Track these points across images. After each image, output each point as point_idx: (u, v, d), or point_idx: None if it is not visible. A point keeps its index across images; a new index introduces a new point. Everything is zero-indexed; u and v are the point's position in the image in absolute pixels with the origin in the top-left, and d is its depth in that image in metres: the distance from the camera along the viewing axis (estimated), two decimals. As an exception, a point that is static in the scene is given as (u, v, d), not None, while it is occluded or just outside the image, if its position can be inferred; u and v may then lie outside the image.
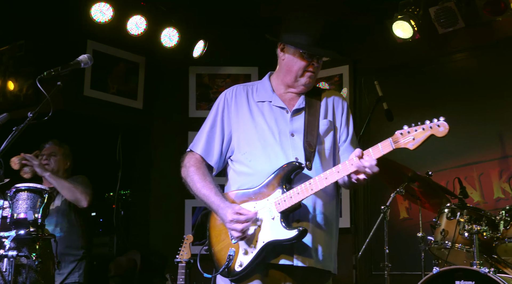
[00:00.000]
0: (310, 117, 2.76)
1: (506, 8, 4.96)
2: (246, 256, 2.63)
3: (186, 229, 6.06)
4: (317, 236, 2.66)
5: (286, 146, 2.72)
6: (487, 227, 3.70)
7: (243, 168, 2.78)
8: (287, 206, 2.58)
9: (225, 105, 2.88)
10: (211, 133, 2.86)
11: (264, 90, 2.87)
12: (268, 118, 2.79)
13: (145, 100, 6.24)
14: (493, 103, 5.22)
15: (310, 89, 2.85)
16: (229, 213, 2.62)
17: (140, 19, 5.59)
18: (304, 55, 2.75)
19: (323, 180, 2.54)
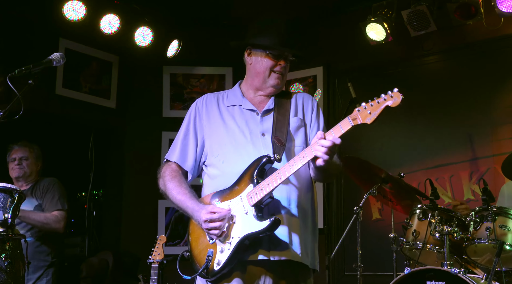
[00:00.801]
0: (279, 116, 2.80)
1: (477, 13, 5.04)
2: (223, 254, 2.64)
3: (159, 229, 6.02)
4: (292, 229, 2.67)
5: (258, 145, 2.75)
6: (457, 228, 3.75)
7: (217, 170, 2.81)
8: (258, 198, 2.59)
9: (196, 113, 2.93)
10: (185, 141, 2.91)
11: (234, 96, 2.92)
12: (238, 121, 2.82)
13: (118, 100, 6.18)
14: (463, 106, 5.31)
15: (279, 91, 2.88)
16: (203, 214, 2.65)
17: (113, 17, 5.54)
18: (270, 55, 2.79)
19: (290, 167, 2.55)
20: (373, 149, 5.55)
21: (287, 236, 2.64)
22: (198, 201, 2.76)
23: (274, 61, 2.80)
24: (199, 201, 2.75)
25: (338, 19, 6.05)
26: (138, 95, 6.36)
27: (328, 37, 6.08)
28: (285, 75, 2.86)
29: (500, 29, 5.13)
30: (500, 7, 4.90)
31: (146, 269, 4.70)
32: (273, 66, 2.80)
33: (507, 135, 5.04)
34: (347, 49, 5.96)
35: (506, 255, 3.61)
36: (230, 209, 2.65)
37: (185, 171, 2.90)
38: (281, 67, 2.81)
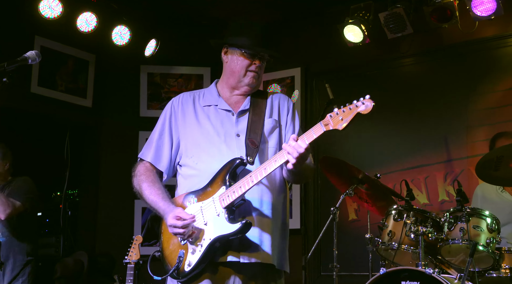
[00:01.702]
0: (254, 117, 2.80)
1: (452, 16, 5.11)
2: (194, 255, 2.65)
3: (135, 229, 5.99)
4: (264, 231, 2.68)
5: (232, 146, 2.74)
6: (432, 228, 3.79)
7: (190, 171, 2.81)
8: (230, 201, 2.59)
9: (172, 113, 2.92)
10: (160, 141, 2.90)
11: (210, 95, 2.92)
12: (214, 121, 2.82)
13: (95, 99, 6.13)
14: (439, 108, 5.37)
15: (255, 90, 2.89)
16: (169, 218, 2.67)
17: (90, 16, 5.49)
18: (245, 55, 2.79)
19: (263, 170, 2.56)
20: (350, 150, 5.58)
21: (258, 238, 2.66)
22: (170, 202, 2.76)
23: (249, 61, 2.79)
24: (170, 202, 2.75)
25: (316, 20, 6.08)
26: (115, 94, 6.31)
27: (306, 38, 6.11)
28: (260, 74, 2.86)
29: (475, 32, 5.20)
30: (475, 11, 4.97)
31: (122, 270, 4.66)
32: (248, 65, 2.80)
33: (481, 137, 5.11)
34: (325, 51, 5.99)
35: (479, 255, 3.66)
36: (194, 216, 2.66)
37: (159, 170, 2.90)
38: (256, 66, 2.80)
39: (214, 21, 5.94)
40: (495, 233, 3.70)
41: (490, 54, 5.24)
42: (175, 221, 2.64)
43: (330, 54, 5.96)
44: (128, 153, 6.14)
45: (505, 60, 5.17)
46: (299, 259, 4.70)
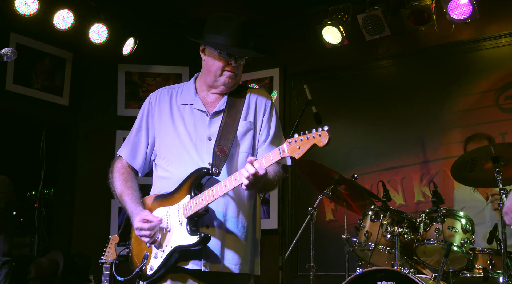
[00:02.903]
0: (228, 119, 2.77)
1: (429, 19, 5.17)
2: (156, 260, 2.66)
3: (111, 229, 5.94)
4: (227, 241, 2.68)
5: (202, 151, 2.73)
6: (408, 229, 3.83)
7: (162, 172, 2.81)
8: (192, 212, 2.60)
9: (149, 109, 2.91)
10: (137, 138, 2.90)
11: (187, 92, 2.88)
12: (187, 123, 2.80)
13: (72, 97, 6.07)
14: (416, 110, 5.42)
15: (232, 89, 2.85)
16: (136, 220, 2.68)
17: (67, 13, 5.42)
18: (221, 55, 2.76)
19: (223, 187, 2.55)
20: (328, 151, 5.57)
21: (219, 249, 2.66)
22: (139, 203, 2.76)
23: (225, 61, 2.76)
24: (139, 204, 2.76)
25: (295, 21, 6.09)
26: (92, 93, 6.25)
27: (285, 39, 6.12)
28: (238, 74, 2.81)
29: (451, 35, 5.27)
30: (451, 14, 5.04)
31: (98, 270, 4.62)
32: (224, 66, 2.77)
33: (456, 139, 5.17)
34: (304, 52, 6.01)
35: (454, 255, 3.71)
36: (161, 220, 2.67)
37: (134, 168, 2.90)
38: (232, 67, 2.77)
39: (193, 20, 5.92)
40: (469, 234, 3.75)
41: (465, 57, 5.31)
42: (142, 224, 2.64)
43: (308, 55, 5.98)
44: (105, 152, 6.10)
45: (480, 63, 5.24)
46: (276, 259, 4.71)
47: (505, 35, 5.15)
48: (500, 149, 3.74)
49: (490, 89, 5.13)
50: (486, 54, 5.23)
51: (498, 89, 5.09)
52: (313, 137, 2.39)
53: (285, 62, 6.08)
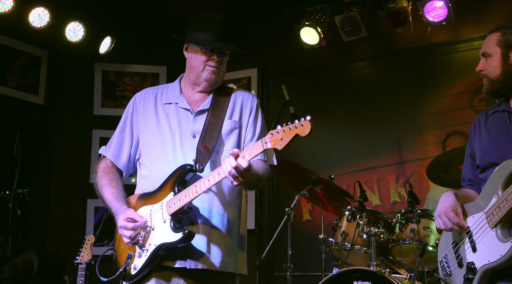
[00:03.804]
0: (213, 118, 2.77)
1: (405, 21, 5.22)
2: (140, 259, 2.65)
3: (87, 229, 5.89)
4: (212, 238, 2.66)
5: (186, 148, 2.72)
6: (384, 229, 3.87)
7: (146, 171, 2.81)
8: (176, 209, 2.58)
9: (134, 109, 2.91)
10: (121, 138, 2.90)
11: (172, 92, 2.89)
12: (172, 121, 2.80)
13: (47, 96, 6.01)
14: (392, 111, 5.47)
15: (217, 85, 2.86)
16: (120, 219, 2.66)
17: (43, 11, 5.36)
18: (203, 50, 2.77)
19: (207, 181, 2.54)
20: (305, 151, 5.62)
21: (205, 246, 2.64)
22: (123, 202, 2.75)
23: (207, 56, 2.77)
24: (123, 202, 2.75)
25: (273, 22, 6.11)
26: (68, 92, 6.19)
27: (263, 39, 6.13)
28: (221, 70, 2.82)
29: (427, 37, 5.33)
30: (427, 16, 5.09)
31: (73, 270, 4.58)
32: (206, 60, 2.78)
33: (432, 141, 5.23)
34: (282, 52, 6.03)
35: (429, 255, 3.75)
36: (146, 220, 2.65)
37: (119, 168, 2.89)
38: (214, 62, 2.77)
39: (171, 20, 5.90)
40: (444, 234, 3.79)
41: (441, 59, 5.37)
42: (126, 223, 2.63)
43: (286, 55, 6.00)
44: (81, 151, 6.05)
45: (456, 65, 5.30)
46: (253, 259, 4.71)
47: (479, 37, 5.21)
48: (474, 150, 3.79)
49: (465, 91, 5.20)
50: (461, 57, 5.30)
51: (473, 91, 5.16)
52: (296, 127, 2.37)
53: (263, 62, 6.09)
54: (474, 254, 2.52)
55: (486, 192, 2.55)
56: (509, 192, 2.37)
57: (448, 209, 2.58)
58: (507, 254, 2.31)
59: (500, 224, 2.40)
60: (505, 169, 2.45)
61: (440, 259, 2.78)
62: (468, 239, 2.58)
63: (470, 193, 2.72)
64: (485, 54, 2.75)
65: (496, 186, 2.47)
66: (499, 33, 2.71)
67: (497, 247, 2.37)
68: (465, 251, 2.58)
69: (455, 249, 2.67)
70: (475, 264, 2.49)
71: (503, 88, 2.67)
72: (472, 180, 2.76)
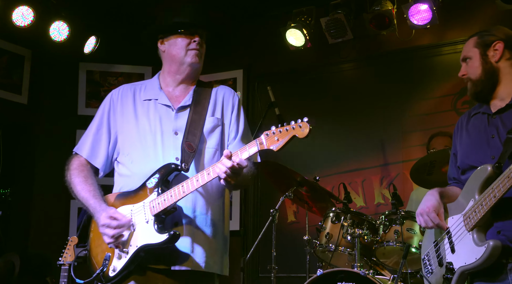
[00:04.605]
0: (195, 115, 2.70)
1: (390, 24, 5.26)
2: (120, 260, 2.56)
3: (70, 230, 5.85)
4: (197, 239, 2.59)
5: (168, 146, 2.65)
6: (368, 231, 3.88)
7: (125, 169, 2.72)
8: (160, 209, 2.51)
9: (111, 105, 2.82)
10: (97, 136, 2.80)
11: (151, 88, 2.81)
12: (152, 118, 2.72)
13: (30, 96, 5.95)
14: (377, 113, 5.50)
15: (197, 74, 2.79)
16: (103, 217, 2.56)
17: (27, 10, 5.31)
18: (182, 34, 2.71)
19: (195, 182, 2.47)
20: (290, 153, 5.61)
21: (189, 247, 2.57)
22: (101, 200, 2.65)
23: (188, 39, 2.71)
24: (102, 201, 2.65)
25: (259, 23, 6.11)
26: (52, 91, 6.14)
27: (249, 40, 6.13)
28: (202, 53, 2.75)
29: (411, 40, 5.37)
30: (412, 19, 5.13)
31: (56, 271, 4.54)
32: (188, 43, 2.71)
33: (416, 143, 5.27)
34: (267, 54, 6.03)
35: (412, 257, 3.77)
36: (130, 219, 2.57)
37: (95, 167, 2.79)
38: (196, 43, 2.71)
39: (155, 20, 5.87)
40: (427, 235, 3.82)
41: (425, 62, 5.41)
42: (109, 221, 2.54)
43: (272, 57, 6.00)
44: (65, 151, 5.93)
45: (440, 68, 5.34)
46: (238, 260, 4.71)
47: (463, 41, 5.19)
48: (458, 153, 3.82)
49: (449, 93, 5.24)
50: (445, 60, 5.34)
51: (456, 94, 5.21)
52: (293, 128, 2.34)
53: (249, 63, 6.09)
54: (453, 254, 2.58)
55: (465, 194, 2.61)
56: (484, 197, 2.43)
57: (430, 209, 2.64)
58: (481, 258, 2.40)
59: (476, 228, 2.47)
60: (482, 173, 2.51)
61: (423, 256, 2.83)
62: (447, 240, 2.64)
63: (455, 191, 2.76)
64: (465, 58, 2.82)
65: (474, 189, 2.53)
66: (476, 36, 2.79)
67: (472, 250, 2.45)
68: (445, 250, 2.65)
69: (436, 248, 2.72)
70: (453, 265, 2.56)
71: (485, 87, 2.71)
72: (456, 178, 2.81)
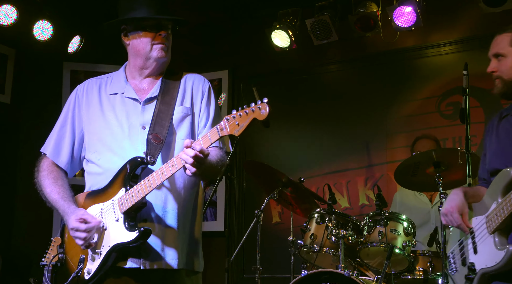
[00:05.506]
0: (163, 106, 2.58)
1: (375, 26, 5.29)
2: (94, 262, 2.49)
3: (54, 231, 5.80)
4: (167, 235, 2.51)
5: (136, 140, 2.56)
6: (352, 231, 3.89)
7: (93, 167, 2.63)
8: (129, 206, 2.43)
9: (76, 102, 2.73)
10: (61, 134, 2.71)
11: (117, 81, 2.71)
12: (118, 113, 2.62)
13: (14, 95, 5.90)
14: (362, 114, 5.53)
15: (164, 66, 2.67)
16: (71, 220, 2.50)
17: (10, 8, 5.26)
18: (147, 28, 2.59)
19: (160, 175, 2.38)
20: (275, 154, 5.64)
21: (160, 244, 2.49)
22: (71, 201, 2.59)
23: (153, 33, 2.59)
24: (71, 202, 2.58)
25: (244, 24, 6.11)
26: (36, 91, 6.09)
27: (235, 41, 6.13)
28: (169, 46, 2.64)
29: (396, 42, 5.40)
30: (396, 21, 5.16)
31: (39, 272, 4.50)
32: (153, 38, 2.59)
33: (400, 144, 5.30)
34: (253, 54, 6.03)
35: (396, 258, 3.80)
36: (100, 220, 2.50)
37: None
38: (162, 37, 2.59)
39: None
40: (410, 237, 3.85)
41: (410, 63, 5.45)
42: (78, 224, 2.47)
43: (257, 58, 6.00)
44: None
45: (424, 70, 5.38)
46: (222, 261, 4.70)
47: (447, 43, 5.32)
48: (441, 154, 3.85)
49: (433, 95, 5.28)
50: (429, 62, 5.39)
51: (440, 96, 5.25)
52: (253, 111, 2.23)
53: (234, 64, 6.08)
54: (475, 255, 2.58)
55: (489, 195, 2.59)
56: (505, 201, 2.42)
57: (454, 209, 2.61)
58: (501, 262, 2.42)
59: (498, 231, 2.48)
60: (505, 176, 2.50)
61: (448, 254, 2.82)
62: (471, 240, 2.63)
63: (481, 191, 2.71)
64: (498, 54, 2.67)
65: (497, 192, 2.51)
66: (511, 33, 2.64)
67: (493, 254, 2.46)
68: (468, 250, 2.63)
69: (460, 247, 2.71)
70: (475, 266, 2.56)
71: None
72: (486, 179, 2.75)
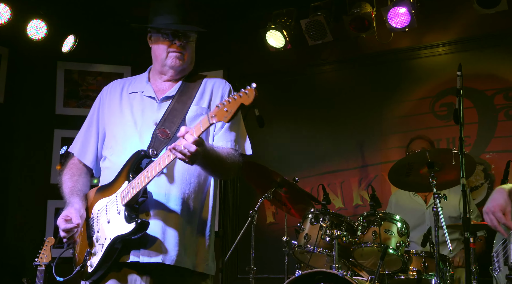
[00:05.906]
0: (178, 104, 2.63)
1: (370, 26, 5.30)
2: (96, 256, 2.51)
3: (47, 230, 5.78)
4: (169, 229, 2.48)
5: (145, 137, 2.58)
6: (346, 232, 3.89)
7: (106, 163, 2.69)
8: (129, 197, 2.45)
9: (100, 102, 2.79)
10: (88, 133, 2.78)
11: (140, 81, 2.78)
12: (135, 109, 2.67)
13: (7, 94, 5.87)
14: (356, 115, 5.54)
15: (184, 73, 2.72)
16: (59, 218, 2.55)
17: (3, 7, 5.24)
18: (164, 36, 2.65)
19: (157, 166, 2.40)
20: (270, 154, 5.64)
21: (161, 236, 2.46)
22: (77, 196, 2.62)
23: (169, 42, 2.65)
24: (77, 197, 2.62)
25: (239, 24, 6.11)
26: (30, 90, 6.07)
27: (229, 41, 6.13)
28: (186, 54, 2.67)
29: (390, 43, 5.41)
30: (391, 22, 5.18)
31: (32, 272, 4.49)
32: (168, 46, 2.65)
33: (394, 145, 5.31)
34: (247, 54, 6.04)
35: (389, 258, 3.80)
36: (79, 222, 2.53)
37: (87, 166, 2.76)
38: (176, 47, 2.64)
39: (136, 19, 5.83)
40: (404, 237, 3.85)
41: (404, 64, 5.47)
42: (60, 223, 2.52)
43: (252, 58, 6.01)
44: (42, 151, 5.94)
45: (418, 70, 5.40)
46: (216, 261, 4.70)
47: (441, 44, 5.34)
48: (435, 155, 3.87)
49: (427, 96, 5.30)
50: (423, 62, 5.40)
51: (434, 96, 5.27)
52: (240, 96, 2.24)
53: (229, 64, 6.08)
54: None
55: None
56: None
57: (496, 208, 2.57)
58: None
59: None
60: None
61: (492, 253, 2.79)
62: None
63: None
64: None
65: None
66: None
67: None
68: (510, 250, 2.59)
69: (503, 246, 2.68)
70: None
71: None
72: None
